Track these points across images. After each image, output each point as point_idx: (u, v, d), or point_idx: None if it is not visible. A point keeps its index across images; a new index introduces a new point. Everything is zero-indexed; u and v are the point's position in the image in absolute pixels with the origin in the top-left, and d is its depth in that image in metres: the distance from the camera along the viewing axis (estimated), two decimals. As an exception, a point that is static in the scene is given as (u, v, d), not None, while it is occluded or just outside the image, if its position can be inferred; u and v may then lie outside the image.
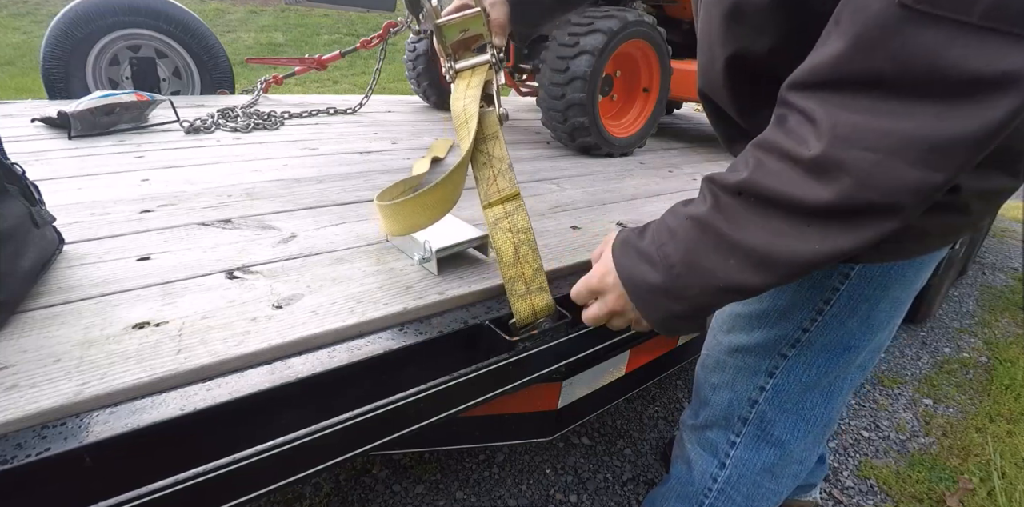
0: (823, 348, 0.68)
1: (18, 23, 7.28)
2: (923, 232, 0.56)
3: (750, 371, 0.72)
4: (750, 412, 0.73)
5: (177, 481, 0.47)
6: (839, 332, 0.66)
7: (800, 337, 0.67)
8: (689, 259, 0.50)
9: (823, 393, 0.71)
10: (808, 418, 0.73)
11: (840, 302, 0.64)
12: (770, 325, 0.69)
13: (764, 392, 0.72)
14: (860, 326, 0.66)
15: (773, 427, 0.73)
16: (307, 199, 1.09)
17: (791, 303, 0.67)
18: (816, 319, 0.66)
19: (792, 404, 0.72)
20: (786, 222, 0.44)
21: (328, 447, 0.57)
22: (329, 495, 1.21)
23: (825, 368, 0.69)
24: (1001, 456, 1.49)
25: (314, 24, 8.21)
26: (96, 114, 1.51)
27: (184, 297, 0.68)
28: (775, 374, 0.70)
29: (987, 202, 0.55)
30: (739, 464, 0.75)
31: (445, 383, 0.63)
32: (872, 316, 0.65)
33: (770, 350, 0.70)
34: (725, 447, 0.76)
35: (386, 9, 2.40)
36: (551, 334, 0.72)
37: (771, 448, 0.74)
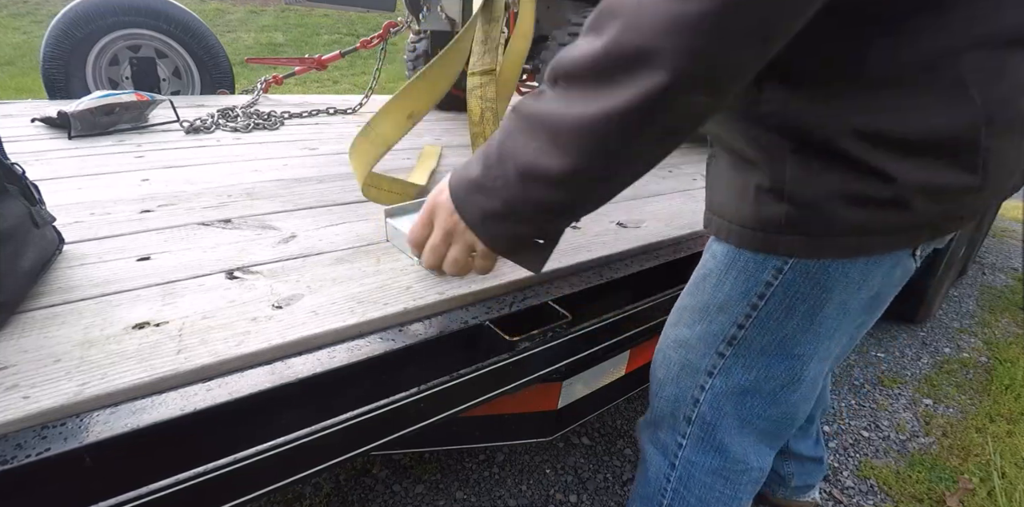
0: (763, 350, 0.63)
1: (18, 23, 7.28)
2: (859, 228, 0.52)
3: (692, 368, 0.69)
4: (693, 411, 0.70)
5: (177, 481, 0.47)
6: (778, 333, 0.62)
7: (736, 334, 0.64)
8: (501, 147, 0.48)
9: (767, 400, 0.66)
10: (752, 424, 0.68)
11: (775, 298, 0.59)
12: (709, 319, 0.66)
13: (704, 392, 0.68)
14: (803, 330, 0.61)
15: (715, 430, 0.69)
16: (307, 199, 1.09)
17: (727, 296, 0.63)
18: (751, 315, 0.62)
19: (732, 407, 0.67)
20: (573, 89, 0.43)
21: (328, 447, 0.57)
22: (329, 495, 1.21)
23: (766, 373, 0.64)
24: (1001, 456, 1.49)
25: (314, 24, 8.21)
26: (96, 114, 1.51)
27: (184, 297, 0.68)
28: (714, 374, 0.67)
29: (935, 200, 0.50)
30: (688, 465, 0.72)
31: (445, 383, 0.63)
32: (816, 320, 0.60)
33: (709, 347, 0.66)
34: (674, 447, 0.73)
35: (386, 9, 2.41)
36: (551, 334, 0.72)
37: (714, 452, 0.70)
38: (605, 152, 0.44)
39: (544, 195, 0.47)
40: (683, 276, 0.98)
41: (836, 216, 0.51)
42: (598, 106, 0.42)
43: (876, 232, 0.52)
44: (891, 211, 0.50)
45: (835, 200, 0.51)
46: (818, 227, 0.53)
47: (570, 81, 0.44)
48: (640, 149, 0.45)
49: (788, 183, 0.52)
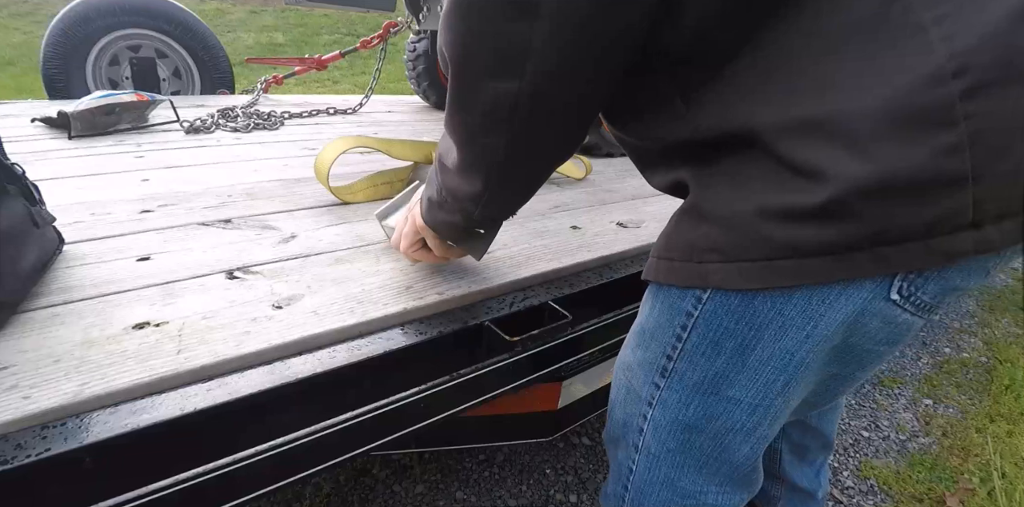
0: (696, 388, 0.54)
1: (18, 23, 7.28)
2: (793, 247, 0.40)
3: (634, 394, 0.62)
4: (640, 439, 0.63)
5: (177, 481, 0.47)
6: (708, 371, 0.53)
7: (667, 365, 0.56)
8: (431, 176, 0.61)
9: (713, 441, 0.57)
10: (703, 463, 0.59)
11: (697, 330, 0.51)
12: (644, 346, 0.59)
13: (647, 422, 0.61)
14: (735, 370, 0.51)
15: (660, 464, 0.61)
16: (307, 199, 1.09)
17: (656, 323, 0.56)
18: (677, 346, 0.54)
19: (676, 443, 0.59)
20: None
21: (328, 447, 0.57)
22: (329, 495, 1.21)
23: (706, 412, 0.55)
24: (1001, 456, 1.49)
25: (314, 24, 8.21)
26: (96, 114, 1.51)
27: (184, 297, 0.68)
28: (652, 404, 0.59)
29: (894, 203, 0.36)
30: (638, 492, 0.66)
31: (445, 383, 0.63)
32: (747, 362, 0.49)
33: (648, 374, 0.59)
34: (625, 470, 0.66)
35: (386, 9, 2.41)
36: (551, 334, 0.72)
37: (661, 485, 0.63)
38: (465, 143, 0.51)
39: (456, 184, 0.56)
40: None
41: (763, 233, 0.41)
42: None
43: (813, 253, 0.40)
44: (830, 222, 0.38)
45: (759, 212, 0.41)
46: (745, 249, 0.43)
47: None
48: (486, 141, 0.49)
49: (709, 199, 0.45)
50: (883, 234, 0.37)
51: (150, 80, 2.29)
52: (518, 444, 1.37)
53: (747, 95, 0.40)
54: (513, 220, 1.05)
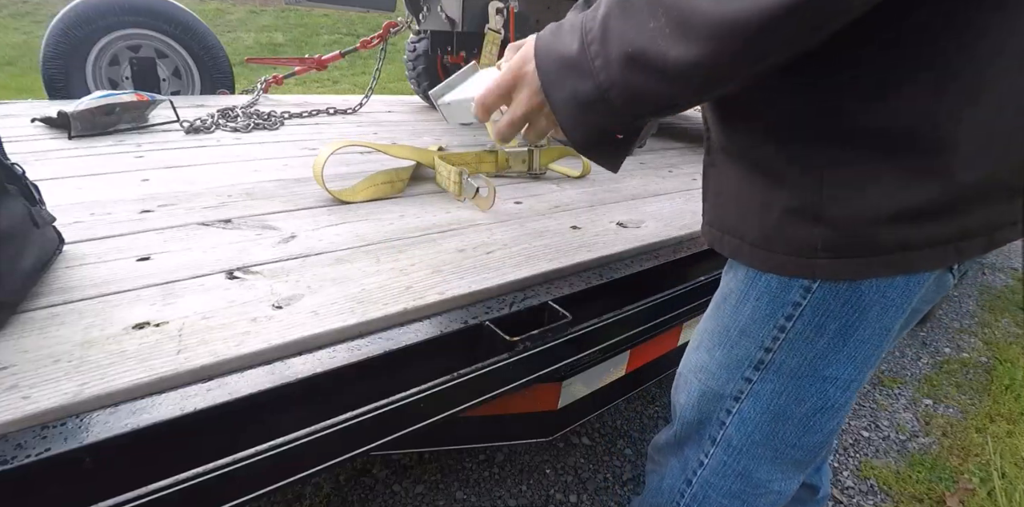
0: (793, 373, 0.58)
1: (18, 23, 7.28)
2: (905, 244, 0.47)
3: (714, 394, 0.64)
4: (719, 433, 0.65)
5: (177, 481, 0.47)
6: (808, 354, 0.57)
7: (764, 358, 0.59)
8: (607, 22, 0.42)
9: (799, 425, 0.61)
10: (780, 451, 0.63)
11: (804, 318, 0.54)
12: (731, 344, 0.61)
13: (731, 416, 0.64)
14: (834, 350, 0.55)
15: (740, 456, 0.65)
16: (307, 199, 1.09)
17: (750, 319, 0.58)
18: (779, 337, 0.57)
19: (761, 435, 0.62)
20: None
21: (328, 447, 0.57)
22: (329, 495, 1.21)
23: (798, 396, 0.59)
24: (1001, 456, 1.49)
25: (314, 24, 8.21)
26: (96, 114, 1.51)
27: (184, 297, 0.68)
28: (740, 399, 0.62)
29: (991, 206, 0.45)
30: (704, 485, 0.69)
31: (445, 383, 0.63)
32: (849, 341, 0.55)
33: (733, 373, 0.62)
34: (694, 464, 0.69)
35: (386, 9, 2.41)
36: (551, 334, 0.72)
37: (737, 477, 0.66)
38: (744, 51, 0.37)
39: (649, 86, 0.41)
40: (683, 276, 0.98)
41: (880, 234, 0.46)
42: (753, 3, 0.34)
43: (922, 246, 0.46)
44: (941, 220, 0.45)
45: (880, 217, 0.45)
46: (860, 248, 0.47)
47: None
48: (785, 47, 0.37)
49: (825, 202, 0.47)
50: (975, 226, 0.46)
51: (150, 80, 2.29)
52: (518, 444, 1.37)
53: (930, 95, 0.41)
54: (513, 220, 1.06)
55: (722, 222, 0.57)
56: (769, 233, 0.52)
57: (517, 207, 1.15)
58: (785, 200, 0.49)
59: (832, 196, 0.46)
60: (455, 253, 0.88)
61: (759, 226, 0.52)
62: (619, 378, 1.07)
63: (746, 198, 0.53)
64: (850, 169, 0.45)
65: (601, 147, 0.50)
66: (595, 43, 0.43)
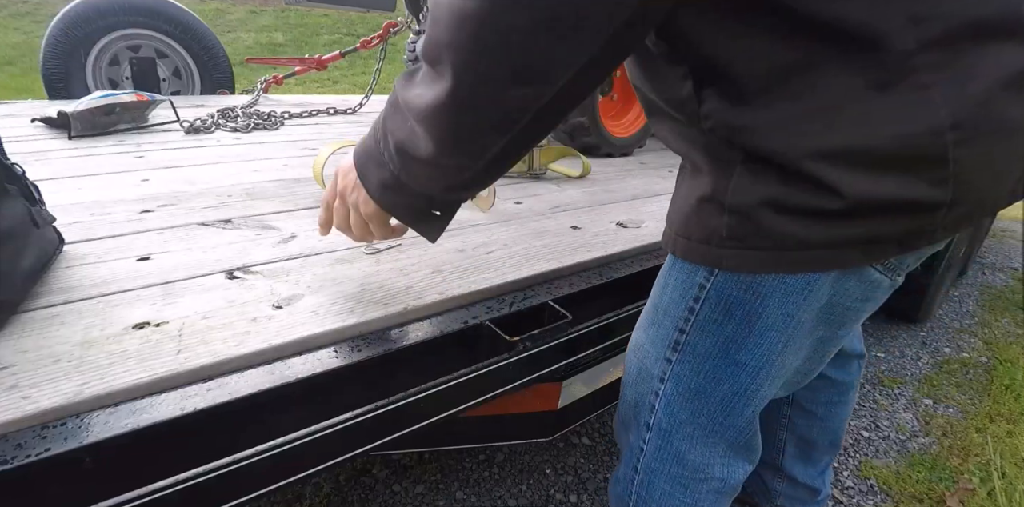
0: (708, 354, 0.61)
1: (18, 23, 7.29)
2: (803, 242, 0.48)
3: (646, 373, 0.67)
4: (651, 417, 0.68)
5: (177, 481, 0.47)
6: (720, 337, 0.59)
7: (680, 339, 0.62)
8: (384, 122, 0.53)
9: (719, 405, 0.63)
10: (708, 429, 0.65)
11: (709, 301, 0.57)
12: (656, 324, 0.65)
13: (659, 398, 0.66)
14: (743, 336, 0.58)
15: (671, 438, 0.67)
16: (307, 199, 1.09)
17: (670, 299, 0.62)
18: (690, 319, 0.60)
19: (686, 414, 0.65)
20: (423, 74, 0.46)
21: (328, 447, 0.57)
22: (329, 495, 1.21)
23: (715, 376, 0.61)
24: (1001, 456, 1.49)
25: (314, 24, 8.21)
26: (96, 114, 1.51)
27: (184, 297, 0.68)
28: (665, 380, 0.65)
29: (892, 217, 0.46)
30: (648, 471, 0.70)
31: (445, 383, 0.63)
32: (755, 328, 0.56)
33: (659, 351, 0.65)
34: (636, 451, 0.71)
35: (386, 9, 2.41)
36: (551, 334, 0.72)
37: (673, 460, 0.68)
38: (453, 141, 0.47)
39: (424, 170, 0.51)
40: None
41: (777, 229, 0.48)
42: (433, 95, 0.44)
43: (820, 247, 0.48)
44: (839, 226, 0.47)
45: (777, 211, 0.48)
46: (760, 241, 0.50)
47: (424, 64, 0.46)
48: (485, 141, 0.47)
49: (730, 192, 0.50)
50: (874, 236, 0.48)
51: (150, 80, 2.29)
52: (518, 444, 1.37)
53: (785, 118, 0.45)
54: (513, 220, 1.06)
55: (667, 216, 0.62)
56: (688, 221, 0.56)
57: (517, 207, 1.15)
58: (700, 190, 0.53)
59: (737, 188, 0.49)
60: (455, 253, 0.88)
61: (682, 215, 0.57)
62: (619, 378, 1.07)
63: (684, 193, 0.58)
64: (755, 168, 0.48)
65: (421, 223, 0.61)
66: (382, 140, 0.53)
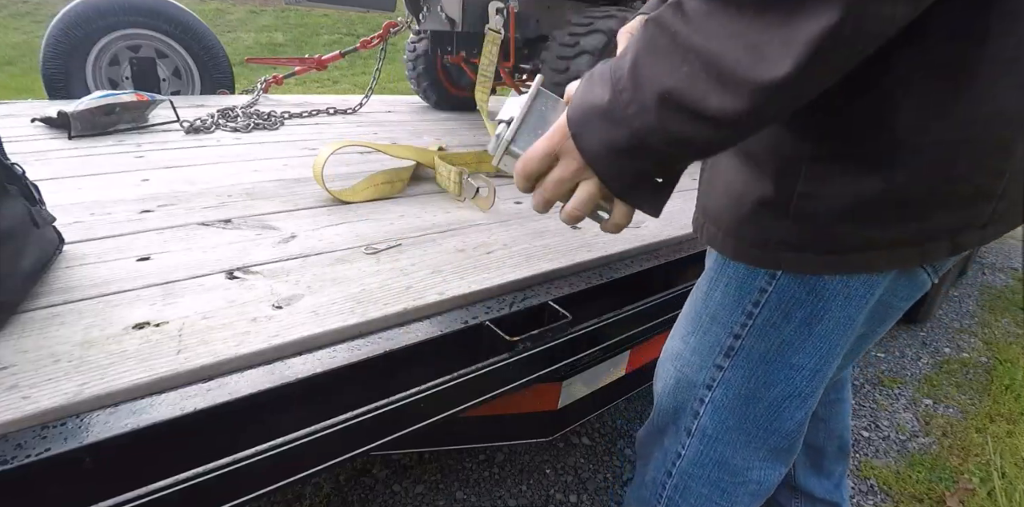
0: (762, 359, 0.60)
1: (18, 23, 7.28)
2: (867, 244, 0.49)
3: (688, 382, 0.66)
4: (693, 423, 0.67)
5: (177, 481, 0.47)
6: (776, 341, 0.58)
7: (733, 344, 0.61)
8: (636, 67, 0.41)
9: (769, 410, 0.63)
10: (754, 435, 0.65)
11: (770, 304, 0.56)
12: (703, 330, 0.63)
13: (705, 405, 0.65)
14: (800, 338, 0.57)
15: (716, 444, 0.66)
16: (307, 199, 1.09)
17: (719, 305, 0.60)
18: (747, 324, 0.59)
19: (734, 420, 0.64)
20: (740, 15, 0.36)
21: (328, 447, 0.57)
22: (329, 495, 1.21)
23: (767, 381, 0.61)
24: (1001, 456, 1.49)
25: (314, 24, 8.21)
26: (96, 114, 1.51)
27: (184, 297, 0.68)
28: (713, 387, 0.64)
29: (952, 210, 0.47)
30: (684, 475, 0.70)
31: (445, 383, 0.63)
32: (814, 330, 0.56)
33: (705, 359, 0.63)
34: (672, 456, 0.70)
35: (386, 9, 2.41)
36: (551, 334, 0.72)
37: (715, 465, 0.67)
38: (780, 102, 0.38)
39: (687, 129, 0.40)
40: (683, 276, 0.98)
41: (844, 233, 0.48)
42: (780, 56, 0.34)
43: (884, 246, 0.49)
44: (903, 222, 0.47)
45: (846, 216, 0.48)
46: (823, 245, 0.50)
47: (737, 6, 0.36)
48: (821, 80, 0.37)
49: (797, 198, 0.49)
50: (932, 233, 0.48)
51: (150, 80, 2.29)
52: (518, 444, 1.37)
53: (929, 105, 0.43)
54: (513, 220, 1.06)
55: (706, 209, 0.59)
56: (742, 223, 0.53)
57: (517, 207, 1.15)
58: (760, 192, 0.51)
59: (804, 193, 0.48)
60: (455, 253, 0.88)
61: (735, 216, 0.54)
62: (619, 378, 1.07)
63: (730, 188, 0.55)
64: (823, 167, 0.47)
65: (640, 192, 0.48)
66: (627, 91, 0.41)
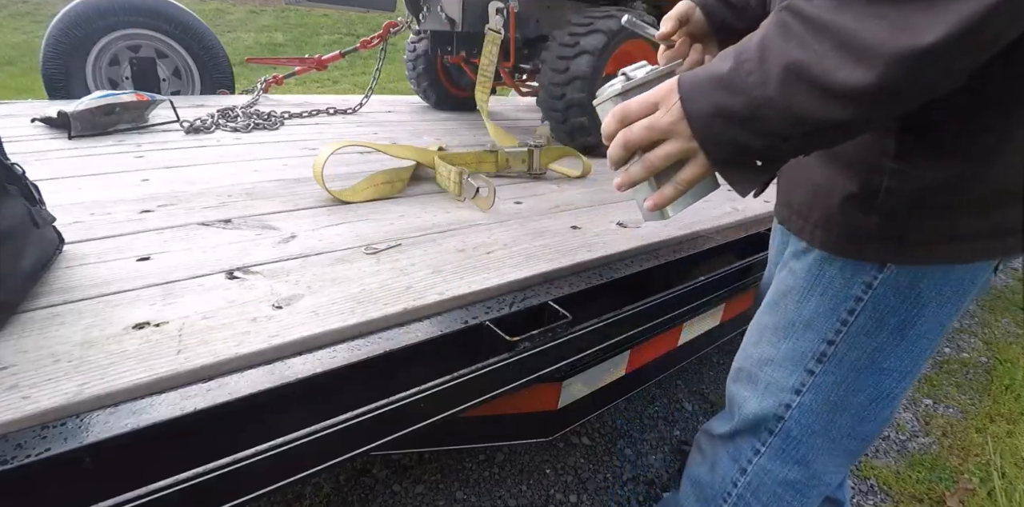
0: (853, 366, 0.62)
1: (18, 23, 7.28)
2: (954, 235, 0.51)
3: (778, 387, 0.67)
4: (777, 425, 0.69)
5: (177, 481, 0.47)
6: (868, 347, 0.61)
7: (826, 350, 0.63)
8: (764, 42, 0.41)
9: (855, 415, 0.65)
10: (836, 441, 0.67)
11: (865, 313, 0.59)
12: (795, 337, 0.65)
13: (791, 409, 0.67)
14: (893, 344, 0.60)
15: (799, 445, 0.68)
16: (307, 199, 1.09)
17: (814, 313, 0.62)
18: (841, 330, 0.61)
19: (820, 425, 0.66)
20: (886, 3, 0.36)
21: (328, 447, 0.57)
22: (329, 495, 1.21)
23: (855, 387, 0.63)
24: (1001, 456, 1.49)
25: (314, 24, 8.20)
26: (96, 114, 1.51)
27: (184, 297, 0.68)
28: (802, 392, 0.66)
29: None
30: (760, 473, 0.71)
31: (445, 383, 0.63)
32: (908, 335, 0.59)
33: (796, 364, 0.65)
34: (749, 454, 0.72)
35: (386, 9, 2.40)
36: (551, 334, 0.72)
37: (795, 465, 0.69)
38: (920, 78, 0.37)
39: (808, 104, 0.39)
40: (683, 276, 0.98)
41: (931, 226, 0.51)
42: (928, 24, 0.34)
43: (969, 239, 0.52)
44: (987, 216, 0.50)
45: (933, 209, 0.50)
46: (911, 238, 0.52)
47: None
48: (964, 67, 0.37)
49: (884, 193, 0.51)
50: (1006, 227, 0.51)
51: (150, 80, 2.29)
52: (518, 444, 1.37)
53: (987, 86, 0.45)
54: (513, 220, 1.06)
55: (790, 201, 0.62)
56: (830, 216, 0.56)
57: (517, 207, 1.15)
58: (847, 186, 0.53)
59: (891, 187, 0.51)
60: (455, 253, 0.88)
61: (822, 208, 0.57)
62: (619, 378, 1.07)
63: (817, 181, 0.57)
64: (910, 162, 0.49)
65: (739, 167, 0.46)
66: (750, 61, 0.41)
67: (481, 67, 1.64)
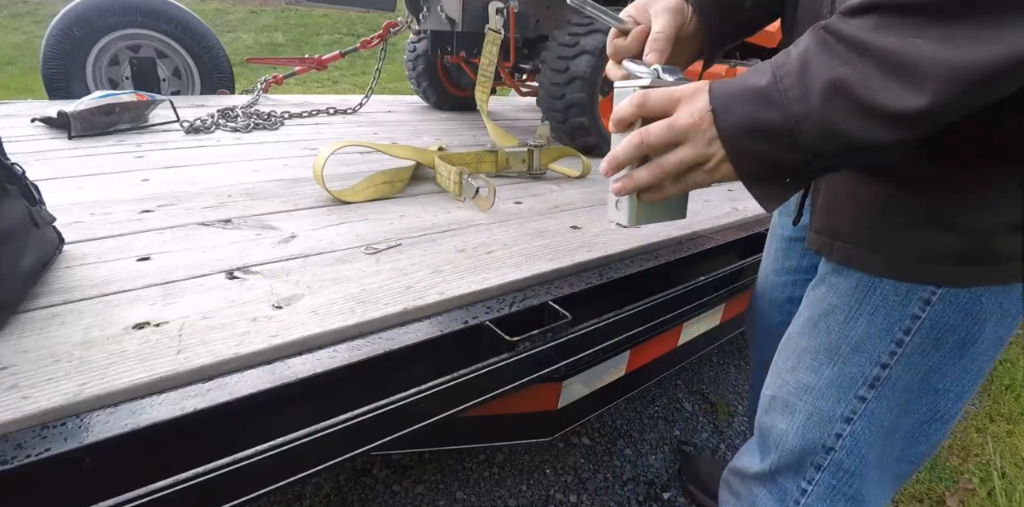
0: (907, 388, 0.57)
1: (18, 23, 7.28)
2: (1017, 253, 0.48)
3: (823, 417, 0.61)
4: (825, 459, 0.62)
5: (177, 481, 0.47)
6: (923, 368, 0.56)
7: (880, 375, 0.57)
8: (805, 57, 0.40)
9: (905, 439, 0.61)
10: (887, 468, 0.62)
11: (923, 331, 0.54)
12: (841, 361, 0.59)
13: (841, 439, 0.61)
14: (950, 363, 0.56)
15: (851, 479, 0.62)
16: (307, 199, 1.09)
17: (864, 334, 0.57)
18: (896, 352, 0.56)
19: (874, 455, 0.61)
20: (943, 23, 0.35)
21: (328, 447, 0.57)
22: (329, 495, 1.21)
23: (907, 410, 0.59)
24: (1001, 456, 1.49)
25: (314, 24, 8.21)
26: (96, 114, 1.51)
27: (184, 297, 0.68)
28: (853, 420, 0.59)
29: None
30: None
31: (445, 383, 0.63)
32: (967, 354, 0.55)
33: (845, 391, 0.59)
34: (795, 494, 0.66)
35: (386, 9, 2.41)
36: (551, 334, 0.72)
37: (847, 500, 0.63)
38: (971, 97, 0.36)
39: (849, 122, 0.38)
40: (683, 276, 0.98)
41: (1002, 244, 0.48)
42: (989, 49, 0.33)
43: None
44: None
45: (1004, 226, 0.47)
46: (982, 256, 0.49)
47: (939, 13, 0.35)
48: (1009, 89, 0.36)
49: (962, 211, 0.48)
50: None
51: (150, 80, 2.29)
52: (518, 444, 1.37)
53: None
54: (513, 220, 1.06)
55: (832, 229, 0.57)
56: (889, 238, 0.52)
57: (517, 207, 1.15)
58: (912, 205, 0.50)
59: (970, 207, 0.48)
60: (455, 253, 0.88)
61: (877, 231, 0.52)
62: (619, 378, 1.07)
63: (862, 203, 0.53)
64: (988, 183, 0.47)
65: (767, 182, 0.45)
66: (790, 76, 0.40)
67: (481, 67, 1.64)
